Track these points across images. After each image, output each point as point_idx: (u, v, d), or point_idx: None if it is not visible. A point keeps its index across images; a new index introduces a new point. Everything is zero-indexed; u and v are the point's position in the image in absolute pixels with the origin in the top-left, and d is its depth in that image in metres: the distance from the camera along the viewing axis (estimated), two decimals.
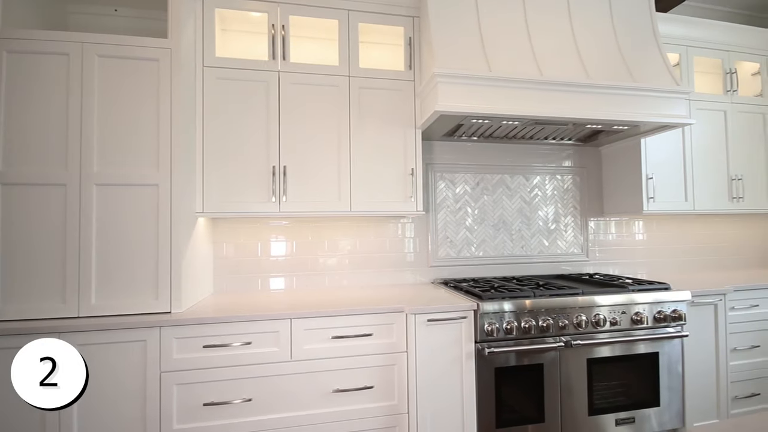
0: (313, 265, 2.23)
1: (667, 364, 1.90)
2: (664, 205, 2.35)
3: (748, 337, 2.12)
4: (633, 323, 1.85)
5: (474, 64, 1.86)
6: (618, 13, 2.13)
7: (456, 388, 1.69)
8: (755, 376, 2.12)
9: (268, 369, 1.58)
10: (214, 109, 1.84)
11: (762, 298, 2.15)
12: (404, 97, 2.04)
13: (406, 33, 2.05)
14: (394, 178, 2.03)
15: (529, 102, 1.84)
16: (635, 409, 1.86)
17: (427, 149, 2.39)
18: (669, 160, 2.37)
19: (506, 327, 1.72)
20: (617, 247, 2.66)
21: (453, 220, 2.41)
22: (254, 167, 1.87)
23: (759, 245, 2.92)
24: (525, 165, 2.53)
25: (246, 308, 1.68)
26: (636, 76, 1.99)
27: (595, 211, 2.63)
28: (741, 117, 2.51)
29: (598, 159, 2.65)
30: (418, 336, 1.67)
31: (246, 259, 2.15)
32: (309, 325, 1.63)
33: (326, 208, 1.94)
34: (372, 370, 1.68)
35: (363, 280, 2.29)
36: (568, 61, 1.97)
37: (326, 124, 1.96)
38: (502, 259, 2.47)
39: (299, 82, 1.93)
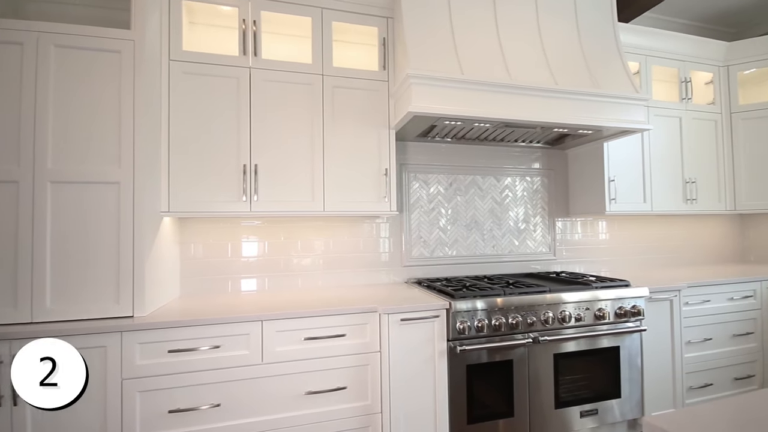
0: (286, 265, 2.19)
1: (627, 357, 1.99)
2: (625, 206, 2.47)
3: (700, 331, 2.26)
4: (596, 319, 1.93)
5: (447, 66, 1.89)
6: (583, 21, 2.22)
7: (429, 386, 1.71)
8: (708, 367, 2.26)
9: (238, 373, 1.54)
10: (181, 105, 1.78)
11: (713, 293, 2.30)
12: (378, 98, 2.05)
13: (381, 33, 2.05)
14: (368, 178, 2.02)
15: (499, 105, 1.89)
16: (598, 401, 1.94)
17: (401, 150, 2.40)
18: (629, 163, 2.50)
19: (477, 325, 1.76)
20: (583, 246, 2.77)
21: (427, 220, 2.43)
22: (224, 166, 1.82)
23: (711, 244, 3.11)
24: (496, 166, 2.59)
25: (215, 311, 1.63)
26: (599, 83, 2.08)
27: (562, 212, 2.73)
28: (695, 124, 2.67)
29: (564, 161, 2.75)
30: (392, 335, 1.68)
31: (215, 260, 2.09)
32: (281, 326, 1.60)
33: (299, 208, 1.91)
34: (345, 370, 1.67)
35: (337, 280, 2.27)
36: (536, 67, 2.04)
37: (299, 123, 1.93)
38: (474, 258, 2.52)
39: (271, 80, 1.89)
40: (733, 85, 2.74)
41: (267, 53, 2.14)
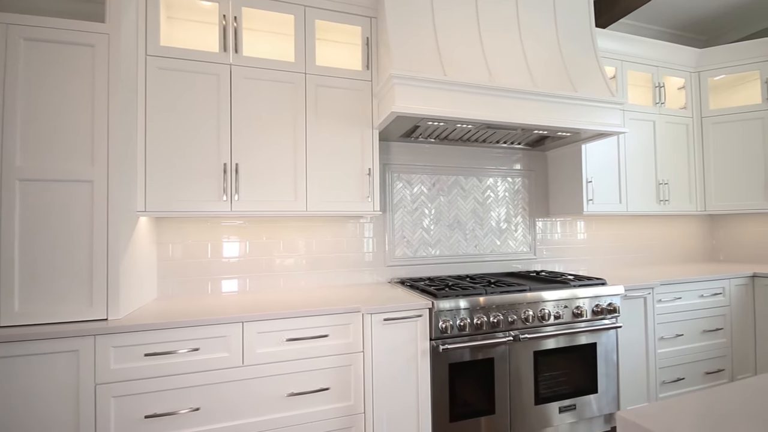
0: (268, 266, 2.17)
1: (604, 353, 2.05)
2: (602, 207, 2.54)
3: (673, 327, 2.34)
4: (574, 316, 1.98)
5: (430, 67, 1.90)
6: (562, 26, 2.27)
7: (411, 386, 1.72)
8: (680, 362, 2.35)
9: (217, 376, 1.52)
10: (159, 101, 1.73)
11: (684, 291, 2.39)
12: (362, 97, 2.04)
13: (364, 33, 2.05)
14: (352, 178, 2.02)
15: (481, 107, 1.91)
16: (576, 397, 1.99)
17: (384, 150, 2.40)
18: (606, 165, 2.57)
19: (460, 324, 1.77)
20: (562, 246, 2.83)
21: (410, 220, 2.44)
22: (204, 164, 1.79)
23: (682, 243, 3.23)
24: (479, 167, 2.62)
25: (194, 312, 1.59)
26: (577, 87, 2.14)
27: (542, 212, 2.79)
28: (668, 127, 2.77)
29: (544, 163, 2.80)
30: (375, 335, 1.68)
31: (195, 260, 2.04)
32: (262, 328, 1.58)
33: (281, 207, 1.89)
34: (328, 371, 1.66)
35: (320, 280, 2.26)
36: (517, 70, 2.07)
37: (282, 122, 1.91)
38: (456, 258, 2.54)
39: (253, 77, 1.86)
40: (703, 90, 2.86)
41: (248, 50, 2.11)
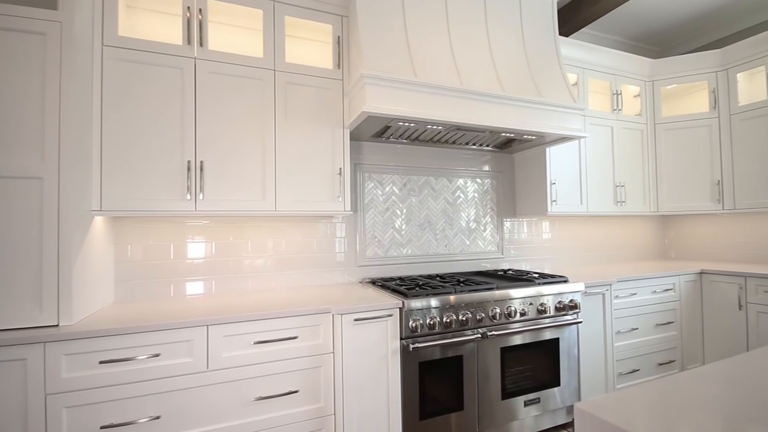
0: (235, 267, 2.10)
1: (566, 348, 2.14)
2: (565, 208, 2.65)
3: (628, 321, 2.48)
4: (539, 313, 2.05)
5: (401, 68, 1.91)
6: (528, 33, 2.35)
7: (382, 385, 1.72)
8: (635, 354, 2.49)
9: (180, 382, 1.46)
10: (118, 95, 1.65)
11: (639, 287, 2.53)
12: (333, 96, 2.03)
13: (335, 31, 2.04)
14: (322, 177, 2.00)
15: (451, 109, 1.95)
16: (540, 390, 2.06)
17: (355, 149, 2.40)
18: (568, 168, 2.68)
19: (430, 323, 1.80)
20: (528, 245, 2.93)
21: (381, 220, 2.45)
22: (166, 161, 1.71)
23: (637, 242, 3.43)
24: (449, 168, 2.67)
25: (154, 316, 1.52)
26: (542, 92, 2.22)
27: (510, 212, 2.87)
28: (624, 133, 2.93)
29: (511, 165, 2.89)
30: (345, 336, 1.67)
31: (156, 262, 1.95)
32: (228, 331, 1.53)
33: (249, 207, 1.84)
34: (297, 373, 1.64)
35: (290, 281, 2.22)
36: (485, 73, 2.13)
37: (250, 119, 1.86)
38: (427, 257, 2.57)
39: (219, 72, 1.80)
40: (657, 98, 3.04)
41: (215, 44, 2.04)
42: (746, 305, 2.49)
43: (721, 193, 2.85)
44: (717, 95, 2.88)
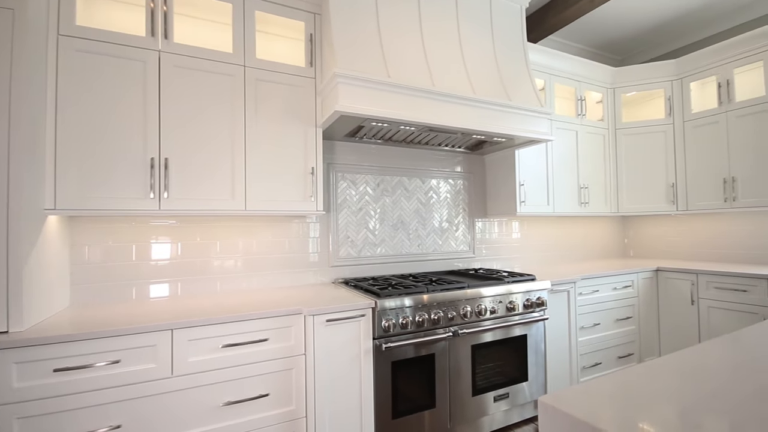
0: (203, 268, 2.04)
1: (533, 344, 2.21)
2: (533, 208, 2.74)
3: (591, 317, 2.59)
4: (508, 311, 2.11)
5: (374, 68, 1.91)
6: (498, 39, 2.41)
7: (354, 386, 1.72)
8: (597, 348, 2.60)
9: (142, 389, 1.39)
10: (75, 87, 1.56)
11: (601, 284, 2.65)
12: (305, 94, 2.00)
13: (307, 29, 2.01)
14: (294, 176, 1.97)
15: (424, 110, 1.97)
16: (509, 386, 2.12)
17: (328, 149, 2.38)
18: (536, 170, 2.77)
19: (402, 322, 1.81)
20: (499, 245, 3.01)
21: (354, 220, 2.44)
22: (128, 158, 1.63)
23: (600, 242, 3.59)
24: (422, 168, 2.69)
25: (114, 321, 1.45)
26: (511, 96, 2.28)
27: (481, 213, 2.94)
28: (588, 137, 3.06)
29: (483, 166, 2.96)
30: (317, 337, 1.65)
31: (117, 264, 1.86)
32: (195, 335, 1.48)
33: (218, 207, 1.79)
34: (268, 376, 1.61)
35: (261, 282, 2.17)
36: (457, 76, 2.16)
37: (218, 116, 1.81)
38: (400, 257, 2.59)
39: (186, 66, 1.74)
40: (617, 105, 3.20)
41: (181, 37, 1.97)
42: (698, 300, 2.67)
43: (675, 195, 3.04)
44: (672, 103, 3.06)
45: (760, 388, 0.73)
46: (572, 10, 2.72)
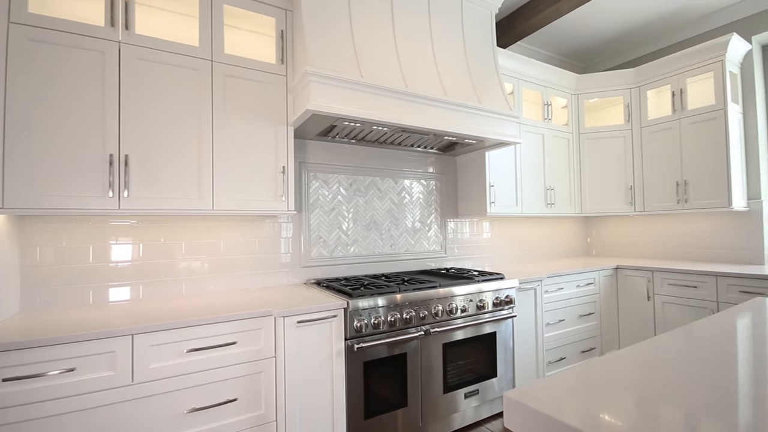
0: (167, 270, 1.95)
1: (502, 341, 2.27)
2: (502, 209, 2.81)
3: (556, 314, 2.69)
4: (478, 309, 2.15)
5: (346, 67, 1.90)
6: (469, 43, 2.46)
7: (326, 388, 1.70)
8: (562, 343, 2.71)
9: (100, 398, 1.32)
10: (26, 78, 1.45)
11: (565, 282, 2.76)
12: (276, 92, 1.96)
13: (278, 25, 1.98)
14: (264, 175, 1.93)
15: (396, 111, 1.98)
16: (479, 382, 2.17)
17: (300, 147, 2.34)
18: (505, 171, 2.85)
19: (374, 322, 1.81)
20: (470, 244, 3.07)
21: (326, 220, 2.42)
22: (85, 155, 1.54)
23: (565, 241, 3.74)
24: (395, 169, 2.71)
25: (69, 326, 1.37)
26: (481, 99, 2.33)
27: (453, 213, 2.98)
28: (554, 140, 3.18)
29: (454, 167, 3.01)
30: (288, 339, 1.62)
31: (72, 266, 1.76)
32: (157, 339, 1.42)
33: (183, 206, 1.72)
34: (236, 381, 1.56)
35: (231, 284, 2.11)
36: (429, 77, 2.19)
37: (184, 111, 1.74)
38: (373, 257, 2.59)
39: (148, 59, 1.67)
40: (581, 110, 3.34)
41: (144, 29, 1.89)
42: (653, 296, 2.83)
43: (633, 197, 3.21)
44: (630, 109, 3.23)
45: (708, 377, 0.79)
46: (538, 18, 2.82)
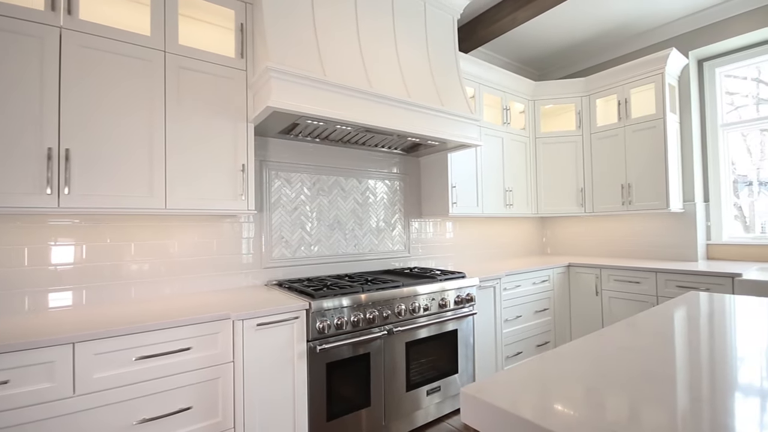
0: (114, 273, 1.83)
1: (463, 338, 2.33)
2: (464, 209, 2.89)
3: (514, 310, 2.80)
4: (440, 307, 2.20)
5: (309, 65, 1.88)
6: (432, 46, 2.50)
7: (288, 391, 1.67)
8: (519, 338, 2.82)
9: (37, 412, 1.21)
10: None
11: (522, 279, 2.88)
12: (235, 87, 1.90)
13: (238, 18, 1.91)
14: (223, 173, 1.86)
15: (360, 110, 1.97)
16: (441, 379, 2.21)
17: (261, 145, 2.28)
18: (466, 173, 2.93)
19: (337, 323, 1.79)
20: (434, 244, 3.12)
21: (289, 220, 2.37)
22: (18, 148, 1.41)
23: (523, 241, 3.90)
24: (359, 169, 2.70)
25: (1, 335, 1.25)
26: (443, 101, 2.38)
27: (416, 213, 3.02)
28: (512, 144, 3.31)
29: (418, 168, 3.05)
30: (247, 343, 1.57)
31: (5, 270, 1.60)
32: (102, 348, 1.32)
33: (133, 204, 1.62)
34: (190, 388, 1.49)
35: (186, 287, 2.01)
36: (393, 78, 2.21)
37: (134, 104, 1.64)
38: (336, 257, 2.57)
39: (93, 47, 1.55)
40: (537, 115, 3.50)
41: (89, 14, 1.76)
42: (601, 292, 3.02)
43: (584, 198, 3.41)
44: (581, 116, 3.43)
45: (646, 367, 0.85)
46: (497, 26, 2.93)
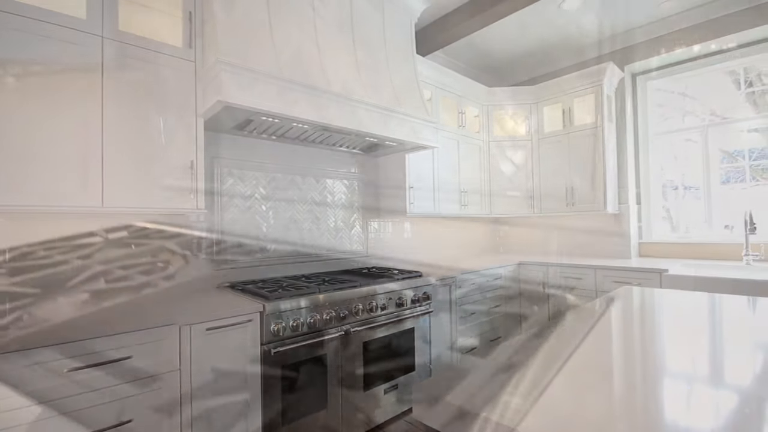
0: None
1: (420, 335, 2.36)
2: (421, 209, 2.94)
3: (468, 307, 2.89)
4: (397, 306, 2.22)
5: (263, 59, 1.82)
6: (390, 48, 2.52)
7: (240, 397, 1.60)
8: (474, 334, 2.91)
9: None
10: None
11: (477, 277, 2.98)
12: (183, 78, 1.79)
13: (186, 6, 1.81)
14: (169, 170, 1.75)
15: (317, 108, 1.94)
16: (399, 377, 2.23)
17: (213, 141, 2.17)
18: (424, 174, 2.99)
19: (293, 325, 1.75)
20: (392, 244, 3.14)
21: (242, 219, 2.28)
22: None
23: (477, 240, 4.04)
24: (317, 168, 2.66)
25: None
26: (401, 103, 2.41)
27: (375, 213, 3.03)
28: (467, 146, 3.42)
29: (377, 168, 3.06)
30: (195, 348, 1.49)
31: None
32: (29, 359, 1.19)
33: (62, 202, 1.48)
34: (131, 399, 1.38)
35: (127, 292, 1.86)
36: (351, 79, 2.20)
37: (66, 92, 1.49)
38: (293, 258, 2.51)
39: (19, 29, 1.40)
40: (491, 120, 3.65)
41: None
42: (548, 288, 3.19)
43: (533, 200, 3.59)
44: (531, 122, 3.62)
45: (588, 354, 0.91)
46: (452, 32, 3.03)
